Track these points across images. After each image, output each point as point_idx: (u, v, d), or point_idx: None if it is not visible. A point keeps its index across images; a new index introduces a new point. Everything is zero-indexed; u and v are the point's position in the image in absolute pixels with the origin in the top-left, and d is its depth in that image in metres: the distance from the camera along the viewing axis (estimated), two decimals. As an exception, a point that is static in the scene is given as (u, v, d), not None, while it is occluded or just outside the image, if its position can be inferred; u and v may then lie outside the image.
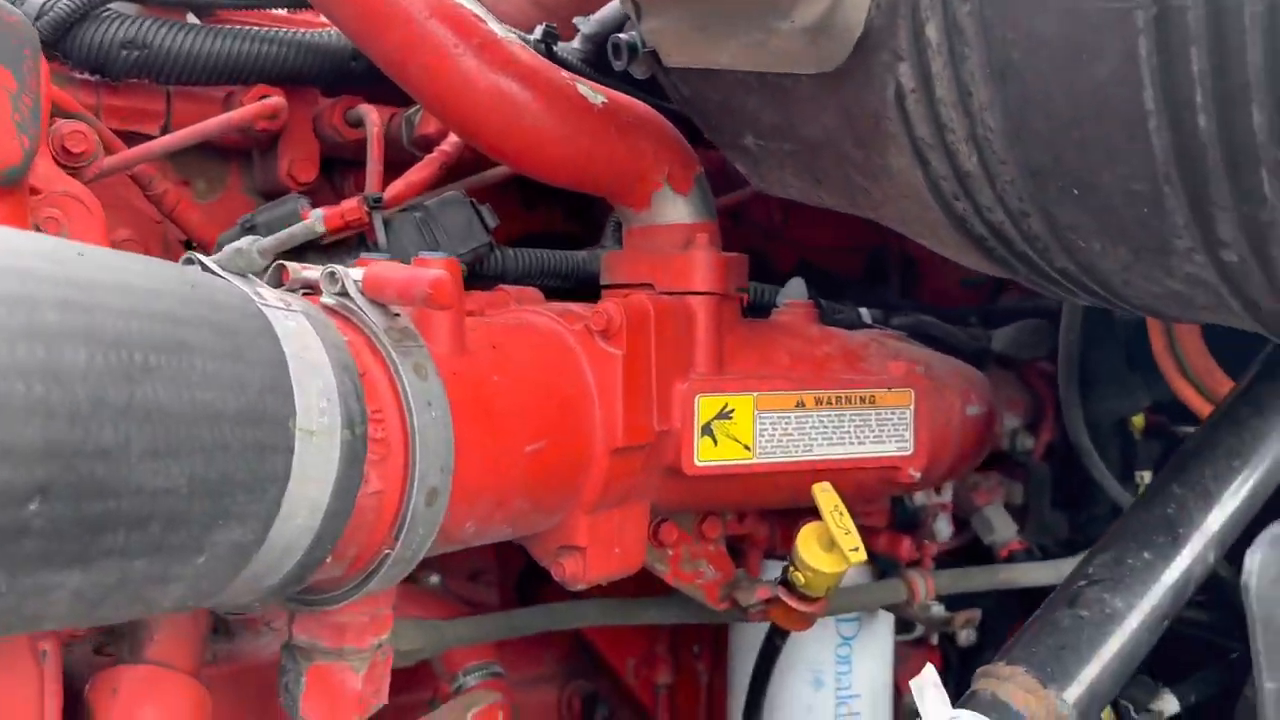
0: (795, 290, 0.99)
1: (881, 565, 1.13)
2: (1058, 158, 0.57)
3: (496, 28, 0.79)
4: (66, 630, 0.69)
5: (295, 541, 0.57)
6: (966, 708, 0.69)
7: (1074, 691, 0.69)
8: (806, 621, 0.92)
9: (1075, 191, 0.57)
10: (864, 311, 1.07)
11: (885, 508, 1.06)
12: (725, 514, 0.97)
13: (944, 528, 1.16)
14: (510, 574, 1.27)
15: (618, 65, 0.80)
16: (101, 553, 0.47)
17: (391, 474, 0.62)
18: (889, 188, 0.70)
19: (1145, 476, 1.23)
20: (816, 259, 1.39)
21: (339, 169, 0.99)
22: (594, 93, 0.82)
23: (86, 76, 0.85)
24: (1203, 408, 1.09)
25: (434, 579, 1.15)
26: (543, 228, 1.14)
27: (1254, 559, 0.49)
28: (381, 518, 0.63)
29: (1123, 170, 0.53)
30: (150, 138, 0.89)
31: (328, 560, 0.60)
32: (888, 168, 0.68)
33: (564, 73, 0.81)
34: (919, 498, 1.11)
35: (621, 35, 0.80)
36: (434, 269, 0.64)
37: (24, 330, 0.43)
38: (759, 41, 0.67)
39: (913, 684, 0.69)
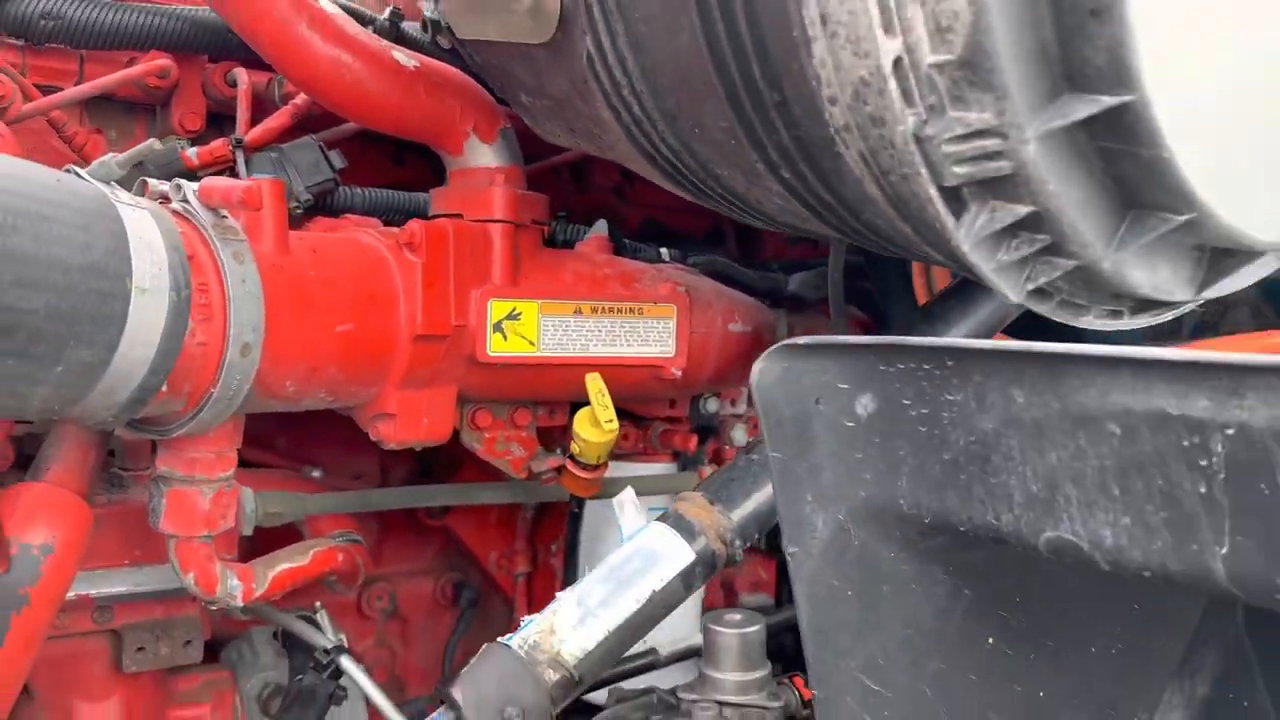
0: (597, 229, 1.22)
1: (686, 462, 1.36)
2: (679, 105, 0.79)
3: (328, 6, 1.02)
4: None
5: (134, 369, 0.80)
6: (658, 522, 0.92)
7: (737, 512, 0.91)
8: (591, 487, 1.15)
9: (696, 131, 0.80)
10: (664, 251, 1.31)
11: (669, 404, 1.28)
12: (535, 407, 1.20)
13: (740, 435, 1.39)
14: (389, 480, 1.50)
15: (424, 39, 1.03)
16: (-21, 348, 0.69)
17: (213, 330, 0.85)
18: (606, 133, 0.93)
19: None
20: (665, 218, 1.61)
21: (226, 122, 1.21)
22: (408, 59, 1.05)
23: (12, 41, 1.07)
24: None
25: (315, 473, 1.37)
26: (411, 178, 1.37)
27: (758, 368, 0.72)
28: (207, 364, 0.85)
29: (711, 114, 0.76)
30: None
31: (164, 390, 0.83)
32: (599, 117, 0.90)
33: (381, 41, 1.04)
34: (713, 405, 1.34)
35: (427, 13, 1.03)
36: (250, 185, 0.87)
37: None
38: (504, 20, 0.89)
39: (613, 501, 0.92)
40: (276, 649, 1.27)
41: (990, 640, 0.87)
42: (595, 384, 1.06)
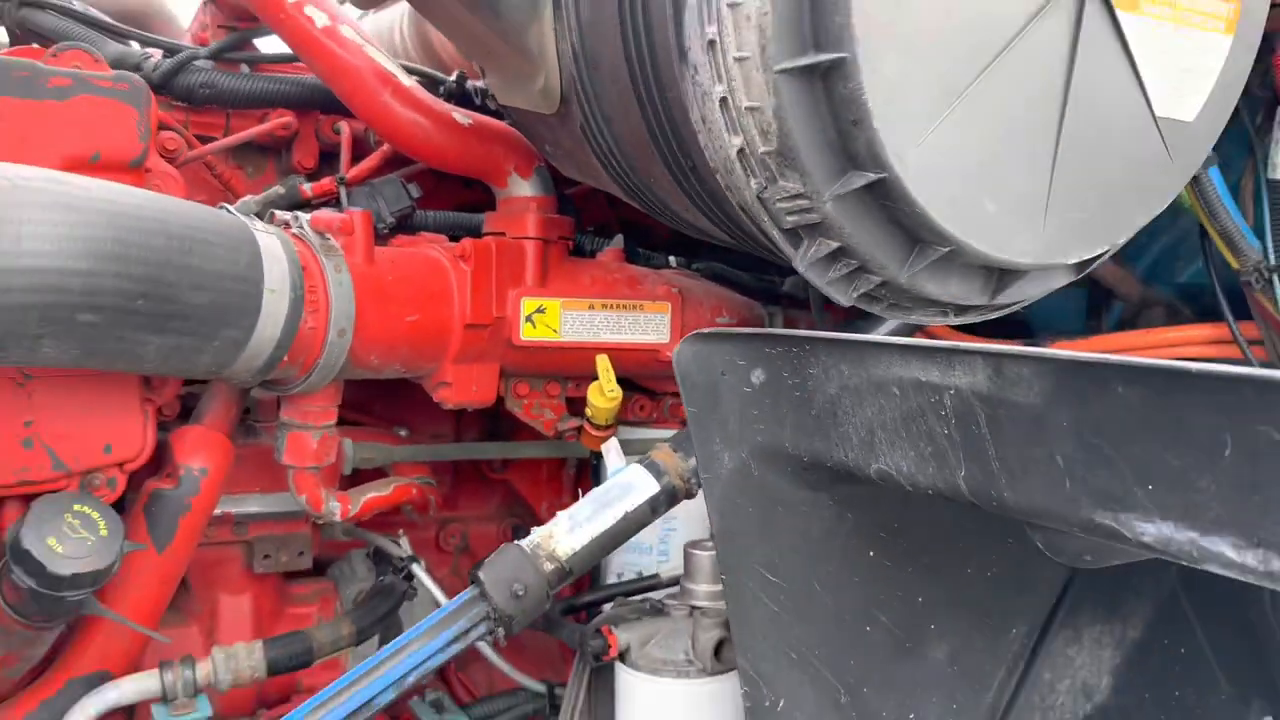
0: (615, 242, 1.55)
1: (691, 430, 1.67)
2: (638, 161, 1.12)
3: (406, 79, 1.37)
4: (161, 402, 1.29)
5: (265, 345, 1.16)
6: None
7: (694, 459, 1.23)
8: (599, 442, 1.47)
9: (650, 178, 1.12)
10: (671, 259, 1.63)
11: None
12: (564, 381, 1.53)
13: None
14: (461, 440, 1.86)
15: (478, 102, 1.38)
16: (168, 330, 1.06)
17: (319, 319, 1.21)
18: (599, 174, 1.26)
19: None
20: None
21: (334, 160, 1.58)
22: (464, 117, 1.40)
23: (179, 104, 1.46)
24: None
25: (403, 431, 1.74)
26: (475, 200, 1.72)
27: (677, 350, 1.03)
28: (315, 342, 1.22)
29: (657, 169, 1.08)
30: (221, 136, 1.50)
31: (285, 360, 1.20)
32: (592, 163, 1.23)
33: (444, 104, 1.39)
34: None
35: (481, 84, 1.37)
36: (347, 217, 1.23)
37: (144, 227, 1.03)
38: (527, 95, 1.23)
39: (602, 447, 1.25)
40: (368, 566, 1.64)
41: (871, 553, 1.17)
42: (603, 363, 1.39)
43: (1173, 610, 1.55)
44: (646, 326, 1.45)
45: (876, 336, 0.90)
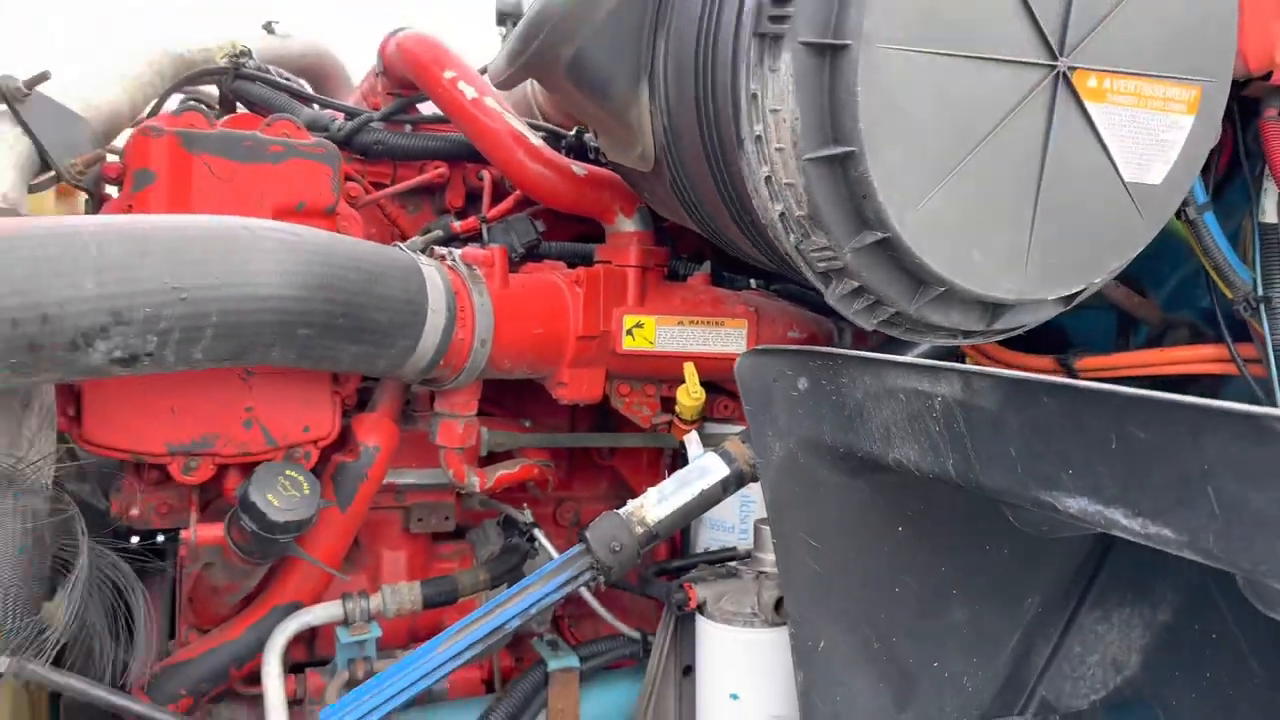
0: (703, 268, 1.86)
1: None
2: (713, 213, 1.42)
3: (533, 136, 1.71)
4: (345, 394, 1.66)
5: (427, 352, 1.51)
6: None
7: (759, 448, 1.52)
8: (685, 434, 1.78)
9: (724, 225, 1.42)
10: (751, 281, 1.92)
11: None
12: (659, 383, 1.84)
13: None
14: (575, 429, 2.18)
15: (592, 156, 1.71)
16: (359, 340, 1.42)
17: (466, 332, 1.55)
18: (685, 217, 1.56)
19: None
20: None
21: (478, 200, 1.93)
22: (581, 168, 1.72)
23: (357, 158, 1.84)
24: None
25: (527, 423, 2.08)
26: (589, 233, 2.05)
27: (738, 362, 1.31)
28: (463, 350, 1.56)
29: (726, 221, 1.38)
30: (389, 184, 1.87)
31: (441, 363, 1.54)
32: (679, 210, 1.54)
33: (565, 158, 1.71)
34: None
35: (592, 143, 1.70)
36: (488, 252, 1.58)
37: (343, 264, 1.39)
38: (628, 155, 1.55)
39: (684, 438, 1.56)
40: (499, 532, 1.98)
41: (900, 529, 1.44)
42: (690, 369, 1.70)
43: (1203, 598, 1.76)
44: (727, 339, 1.75)
45: (885, 355, 1.17)
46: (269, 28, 2.31)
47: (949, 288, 1.19)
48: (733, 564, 1.70)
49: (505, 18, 1.83)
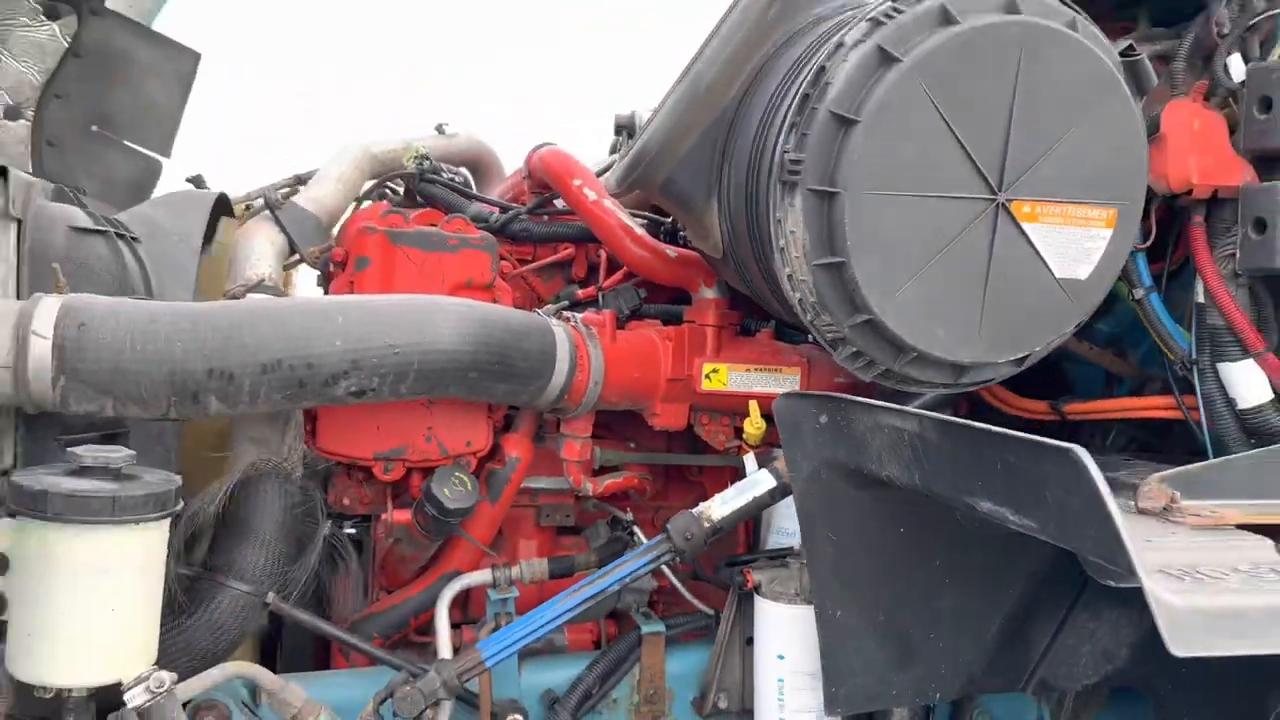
0: (768, 326, 2.37)
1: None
2: (761, 289, 1.94)
3: (637, 227, 2.27)
4: (496, 418, 2.24)
5: (555, 390, 2.08)
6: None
7: (799, 466, 2.03)
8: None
9: (769, 299, 1.94)
10: (809, 336, 2.42)
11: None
12: (732, 416, 2.36)
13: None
14: (669, 450, 2.72)
15: (682, 242, 2.26)
16: (508, 381, 2.00)
17: (584, 376, 2.11)
18: (745, 287, 2.09)
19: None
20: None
21: (596, 272, 2.50)
22: (673, 251, 2.27)
23: (508, 242, 2.43)
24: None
25: (631, 444, 2.63)
26: (679, 298, 2.59)
27: (776, 404, 1.81)
28: (581, 389, 2.12)
29: (771, 296, 1.90)
30: (530, 261, 2.47)
31: (565, 398, 2.11)
32: (741, 282, 2.07)
33: (660, 242, 2.27)
34: (836, 421, 2.42)
35: (682, 232, 2.25)
36: (600, 315, 2.14)
37: (498, 326, 1.97)
38: (706, 246, 2.09)
39: (745, 457, 2.07)
40: (607, 530, 2.53)
41: (901, 530, 1.92)
42: (753, 405, 2.21)
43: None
44: (783, 383, 2.26)
45: (873, 401, 1.67)
46: (440, 129, 2.97)
47: (920, 354, 1.68)
48: (785, 558, 2.21)
49: (621, 128, 2.41)
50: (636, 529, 2.35)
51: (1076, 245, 1.70)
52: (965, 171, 1.62)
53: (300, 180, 2.72)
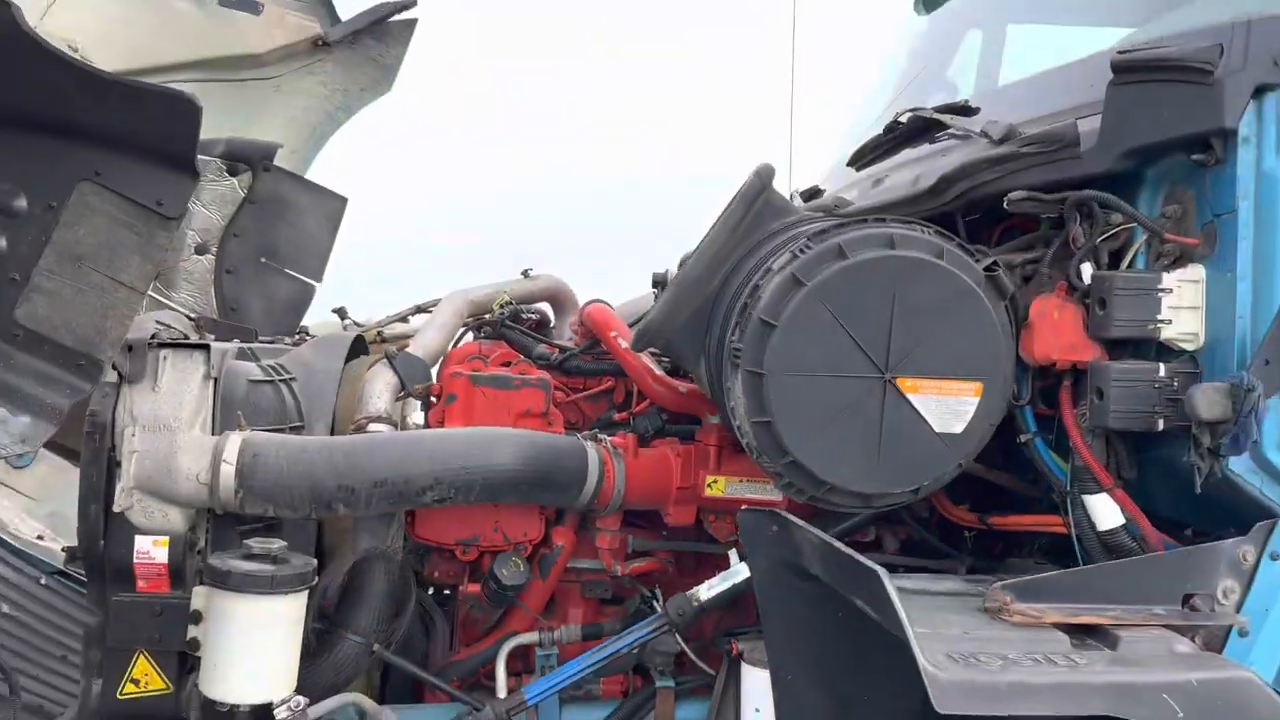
0: (764, 444, 3.02)
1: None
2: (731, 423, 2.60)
3: (657, 367, 2.96)
4: (546, 513, 2.95)
5: (588, 494, 2.77)
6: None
7: (768, 560, 2.65)
8: (746, 549, 2.92)
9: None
10: (797, 452, 3.05)
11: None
12: (731, 514, 2.99)
13: (837, 535, 3.06)
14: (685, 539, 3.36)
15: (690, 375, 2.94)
16: (551, 490, 2.71)
17: (610, 485, 2.80)
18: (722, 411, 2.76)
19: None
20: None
21: (630, 398, 3.20)
22: (685, 387, 2.95)
23: (564, 374, 3.16)
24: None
25: (664, 533, 3.28)
26: (689, 421, 3.25)
27: (739, 516, 2.44)
28: (608, 494, 2.81)
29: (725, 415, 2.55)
30: (581, 390, 3.19)
31: (595, 502, 2.80)
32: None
33: (674, 379, 2.95)
34: (819, 521, 3.03)
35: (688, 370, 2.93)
36: (625, 438, 2.84)
37: (544, 448, 2.68)
38: (703, 389, 2.76)
39: (730, 553, 2.72)
40: (640, 606, 3.19)
41: (839, 614, 2.52)
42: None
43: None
44: (770, 491, 2.90)
45: (799, 521, 2.29)
46: (526, 274, 3.74)
47: (833, 486, 2.31)
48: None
49: (657, 283, 3.13)
50: (656, 602, 3.01)
51: (951, 409, 2.30)
52: (859, 358, 2.25)
53: (420, 309, 3.54)
